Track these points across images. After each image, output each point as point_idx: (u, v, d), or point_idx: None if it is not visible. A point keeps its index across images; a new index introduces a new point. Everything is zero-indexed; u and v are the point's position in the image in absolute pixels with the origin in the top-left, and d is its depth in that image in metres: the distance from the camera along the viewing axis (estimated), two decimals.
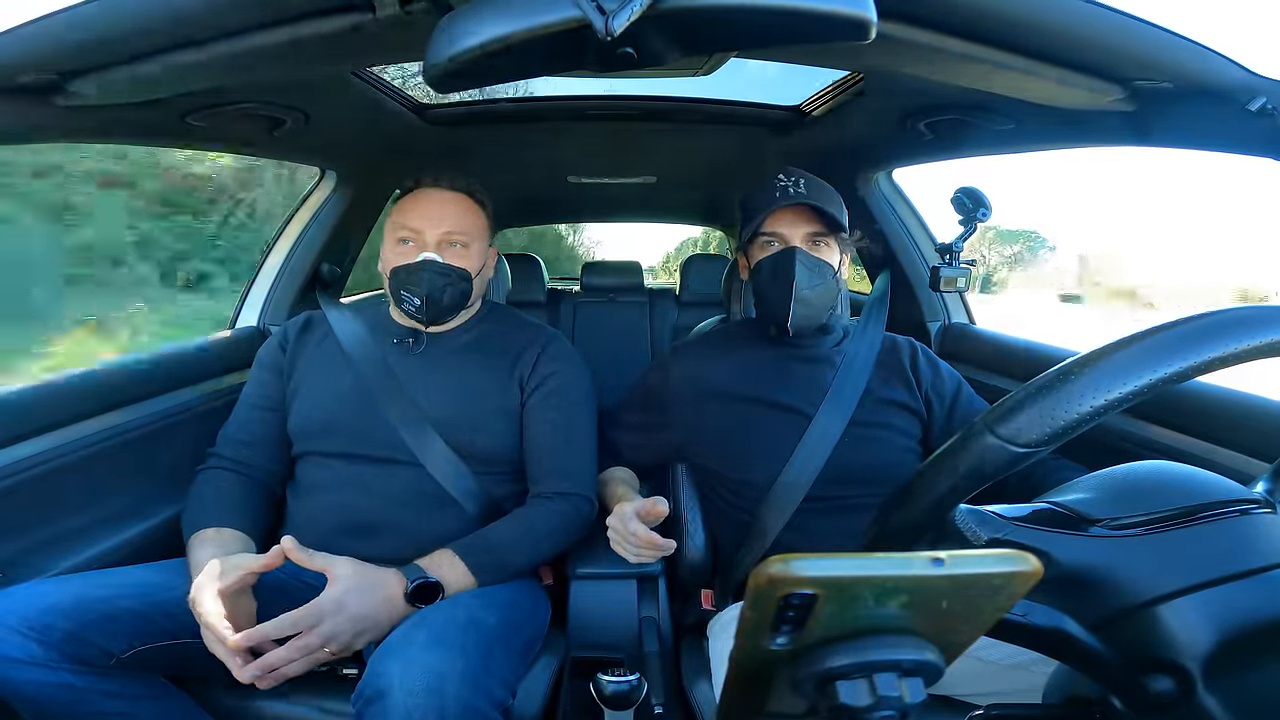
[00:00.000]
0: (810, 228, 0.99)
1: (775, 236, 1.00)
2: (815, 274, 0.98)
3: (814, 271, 0.98)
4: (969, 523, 0.40)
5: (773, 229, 0.99)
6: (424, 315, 0.99)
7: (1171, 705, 0.37)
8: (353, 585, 0.76)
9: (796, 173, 1.00)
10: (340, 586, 0.75)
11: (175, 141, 1.01)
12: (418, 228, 0.98)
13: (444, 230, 0.98)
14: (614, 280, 2.49)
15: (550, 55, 0.56)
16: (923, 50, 0.68)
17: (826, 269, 0.99)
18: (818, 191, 0.99)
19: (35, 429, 0.89)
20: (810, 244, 0.99)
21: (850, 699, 0.29)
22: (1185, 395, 0.90)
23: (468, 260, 1.01)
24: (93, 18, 0.61)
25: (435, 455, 0.95)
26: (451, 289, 0.99)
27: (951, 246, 1.12)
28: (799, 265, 0.96)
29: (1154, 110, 0.77)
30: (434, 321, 1.01)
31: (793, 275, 0.96)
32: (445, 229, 0.98)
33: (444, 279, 0.97)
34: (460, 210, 1.01)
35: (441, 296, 0.98)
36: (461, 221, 1.00)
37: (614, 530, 0.91)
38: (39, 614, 0.69)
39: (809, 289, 0.97)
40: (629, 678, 0.75)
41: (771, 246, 1.00)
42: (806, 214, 0.99)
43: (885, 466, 0.97)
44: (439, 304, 0.98)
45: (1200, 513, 0.40)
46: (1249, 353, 0.36)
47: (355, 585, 0.76)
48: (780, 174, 1.00)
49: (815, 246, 0.99)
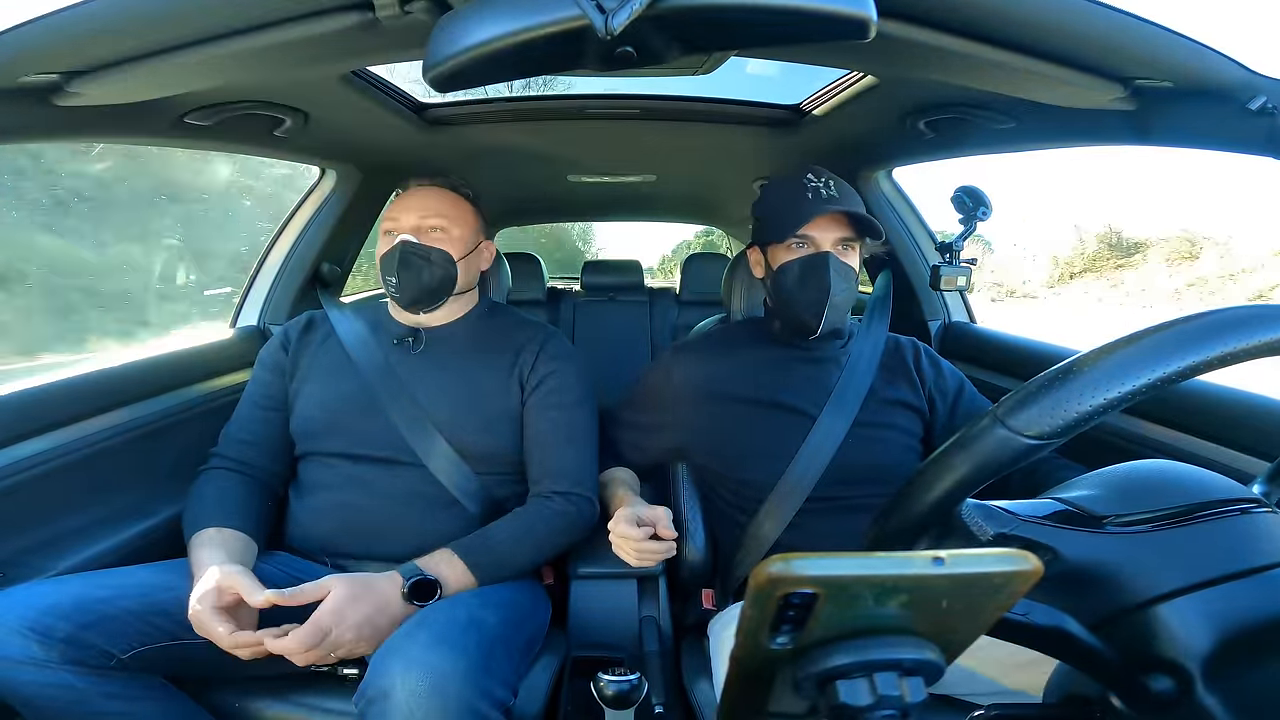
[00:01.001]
0: (842, 233, 0.98)
1: (807, 240, 0.98)
2: (844, 279, 0.97)
3: (843, 277, 0.97)
4: (975, 517, 0.40)
5: (806, 232, 0.97)
6: (401, 295, 1.00)
7: (1171, 704, 0.37)
8: (347, 595, 0.76)
9: (824, 172, 0.99)
10: (335, 598, 0.75)
11: (175, 141, 1.01)
12: (396, 217, 1.02)
13: (419, 215, 1.01)
14: (614, 279, 2.49)
15: (550, 54, 0.56)
16: (923, 49, 0.68)
17: (852, 273, 0.99)
18: (847, 195, 0.98)
19: (35, 429, 0.89)
20: (839, 248, 0.98)
21: (851, 698, 0.29)
22: (1186, 394, 0.90)
23: (448, 244, 1.02)
24: (92, 18, 0.61)
25: (438, 456, 0.95)
26: (430, 270, 1.00)
27: (952, 245, 1.12)
28: (833, 272, 0.95)
29: (1154, 109, 0.77)
30: (415, 304, 1.02)
31: (827, 282, 0.95)
32: (420, 214, 1.01)
33: (420, 258, 0.99)
34: (438, 199, 1.04)
35: (420, 275, 0.99)
36: (438, 207, 1.03)
37: (615, 535, 0.90)
38: (39, 614, 0.69)
39: (840, 294, 0.97)
40: (629, 677, 0.75)
41: (801, 249, 0.99)
42: (839, 219, 0.98)
43: (888, 467, 0.97)
44: (417, 281, 0.99)
45: (1201, 511, 0.40)
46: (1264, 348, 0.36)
47: (350, 594, 0.76)
48: (809, 173, 0.98)
49: (844, 252, 0.99)
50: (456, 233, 1.03)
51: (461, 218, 1.05)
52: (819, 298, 0.96)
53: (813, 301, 0.97)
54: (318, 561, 0.95)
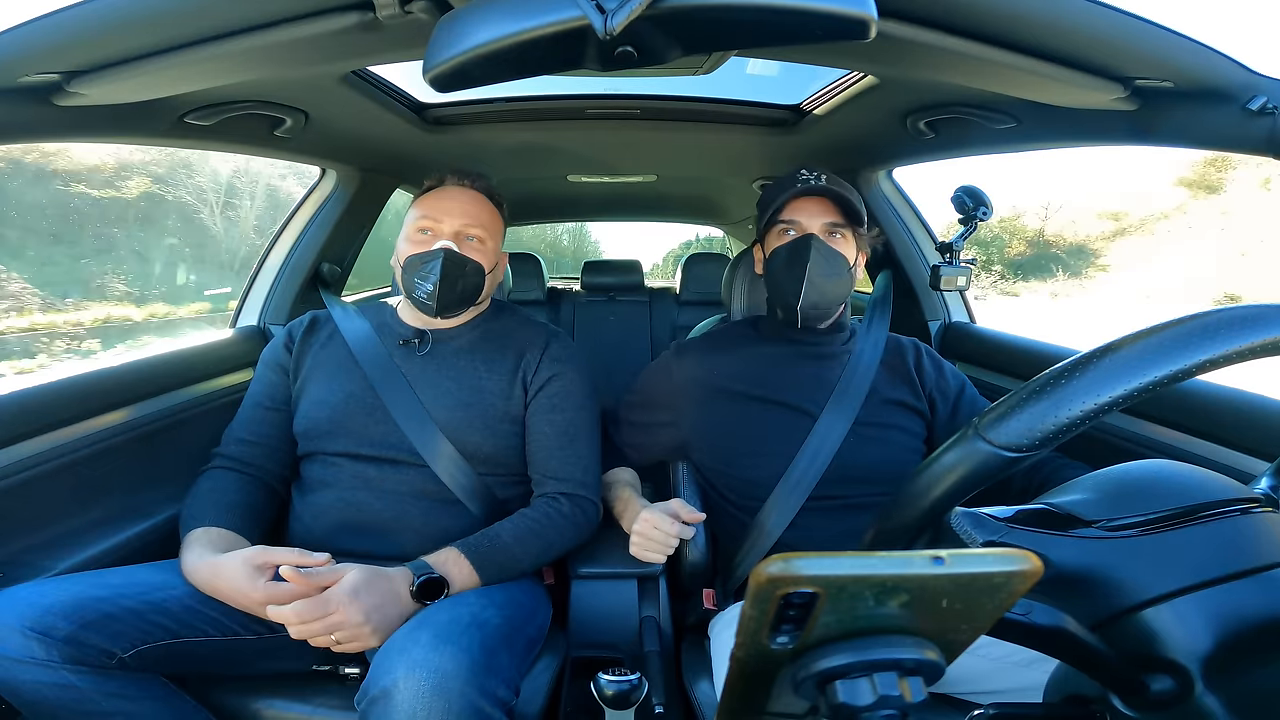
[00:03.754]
0: (829, 217, 0.99)
1: (793, 224, 1.00)
2: (830, 263, 0.98)
3: (829, 260, 0.98)
4: (964, 526, 0.40)
5: (791, 216, 1.00)
6: (434, 303, 0.98)
7: (1171, 704, 0.37)
8: (361, 580, 0.77)
9: (819, 169, 1.01)
10: (349, 581, 0.76)
11: (175, 141, 1.01)
12: (437, 218, 1.00)
13: (463, 223, 1.00)
14: (614, 279, 2.49)
15: (550, 54, 0.56)
16: (923, 49, 0.68)
17: (841, 260, 0.99)
18: (837, 183, 1.00)
19: (35, 429, 0.89)
20: (827, 233, 0.99)
21: (851, 698, 0.29)
22: (1187, 394, 0.90)
23: (483, 256, 1.01)
24: (93, 17, 0.61)
25: (441, 457, 0.96)
26: (465, 280, 0.99)
27: (952, 245, 1.12)
28: (814, 252, 0.97)
29: (1154, 109, 0.77)
30: (443, 311, 1.01)
31: (807, 259, 0.96)
32: (464, 222, 1.00)
33: (458, 269, 0.98)
34: (480, 207, 1.02)
35: (455, 285, 0.98)
36: (480, 217, 1.02)
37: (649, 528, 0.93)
38: (40, 614, 0.69)
39: (822, 276, 0.97)
40: (629, 677, 0.75)
41: (788, 234, 1.01)
42: (825, 203, 0.99)
43: (889, 465, 0.97)
44: (452, 292, 0.98)
45: (1200, 512, 0.40)
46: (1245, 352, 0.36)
47: (364, 580, 0.77)
48: (803, 169, 1.00)
49: (832, 237, 1.00)
50: (491, 244, 1.03)
51: (496, 229, 1.05)
52: (798, 276, 0.97)
53: (793, 279, 0.98)
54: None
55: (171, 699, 0.78)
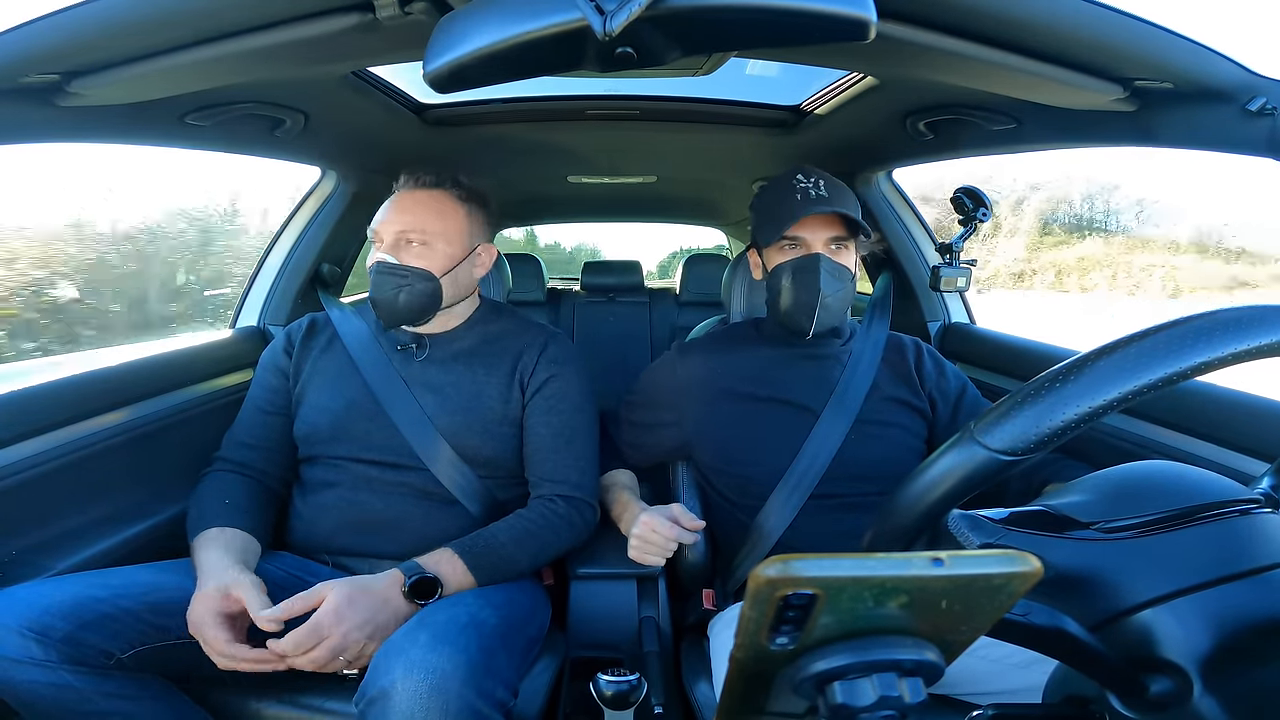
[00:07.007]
0: (833, 232, 0.98)
1: (797, 241, 0.99)
2: (837, 279, 0.98)
3: (836, 277, 0.98)
4: (961, 527, 0.40)
5: (796, 233, 0.98)
6: (380, 318, 0.98)
7: (1171, 705, 0.37)
8: (343, 597, 0.75)
9: (814, 172, 0.99)
10: (332, 601, 0.75)
11: (175, 142, 1.01)
12: (379, 229, 0.97)
13: (397, 230, 0.96)
14: (614, 280, 2.49)
15: (550, 55, 0.56)
16: (923, 49, 0.68)
17: (846, 273, 0.99)
18: (838, 194, 0.98)
19: (35, 429, 0.89)
20: (831, 248, 0.98)
21: (850, 699, 0.29)
22: (1187, 395, 0.90)
23: (428, 259, 0.96)
24: (93, 18, 0.61)
25: (441, 460, 0.95)
26: (407, 290, 0.95)
27: (952, 246, 1.12)
28: (824, 273, 0.96)
29: (1154, 110, 0.77)
30: (394, 325, 1.00)
31: (818, 284, 0.96)
32: (399, 228, 0.96)
33: (395, 279, 0.95)
34: (424, 209, 0.97)
35: (395, 298, 0.95)
36: (421, 219, 0.96)
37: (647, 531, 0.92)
38: (39, 614, 0.69)
39: (832, 295, 0.97)
40: (629, 678, 0.75)
41: (793, 251, 0.99)
42: (829, 218, 0.98)
43: (890, 464, 0.97)
44: (392, 307, 0.96)
45: (1199, 513, 0.40)
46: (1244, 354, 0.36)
47: (346, 597, 0.76)
48: (798, 174, 0.99)
49: (836, 251, 0.99)
50: (440, 246, 0.97)
51: (448, 228, 0.98)
52: (810, 299, 0.96)
53: (805, 303, 0.97)
54: (319, 561, 0.96)
55: (170, 699, 0.78)
